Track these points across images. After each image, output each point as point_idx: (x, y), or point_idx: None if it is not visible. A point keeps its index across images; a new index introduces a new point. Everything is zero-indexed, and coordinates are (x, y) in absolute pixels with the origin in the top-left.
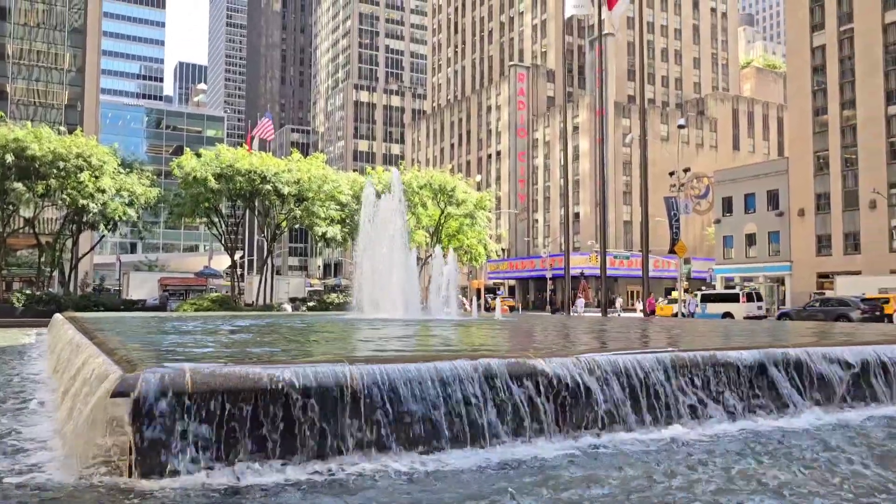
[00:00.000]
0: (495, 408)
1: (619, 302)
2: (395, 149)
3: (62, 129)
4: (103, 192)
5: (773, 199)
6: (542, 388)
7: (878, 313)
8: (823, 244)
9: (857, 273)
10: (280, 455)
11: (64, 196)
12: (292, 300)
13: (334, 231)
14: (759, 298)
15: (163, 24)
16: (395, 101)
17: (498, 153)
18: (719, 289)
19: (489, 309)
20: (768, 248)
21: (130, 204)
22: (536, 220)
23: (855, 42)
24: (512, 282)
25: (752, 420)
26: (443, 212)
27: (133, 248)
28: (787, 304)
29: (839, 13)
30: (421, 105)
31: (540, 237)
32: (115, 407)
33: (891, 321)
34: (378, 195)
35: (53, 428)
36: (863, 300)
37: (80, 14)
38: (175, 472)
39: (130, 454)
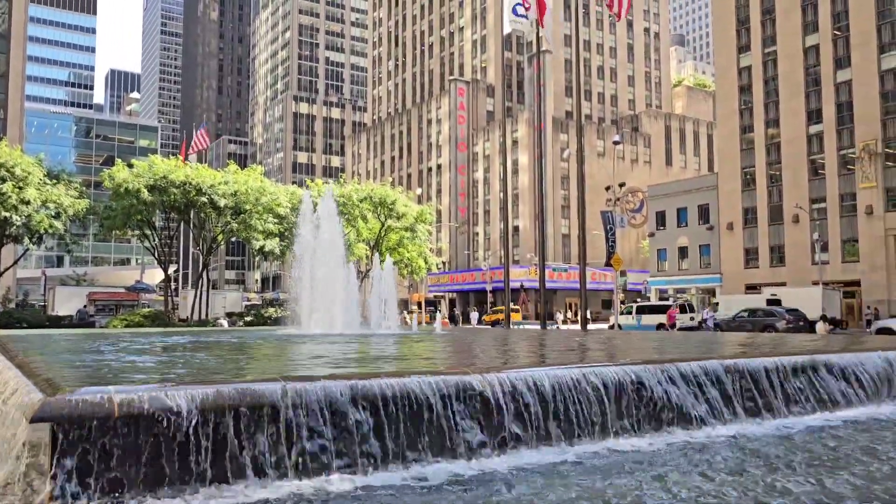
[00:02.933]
0: None
1: (558, 316)
2: (336, 161)
3: None
4: (28, 203)
5: (703, 213)
6: None
7: (801, 323)
8: (751, 257)
9: (783, 284)
10: (212, 482)
11: None
12: (229, 315)
13: (272, 244)
14: (692, 309)
15: (93, 31)
16: (336, 113)
17: (438, 166)
18: (654, 300)
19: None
20: (700, 261)
21: (57, 216)
22: (477, 234)
23: (778, 64)
24: (453, 294)
25: None
26: (383, 225)
27: (60, 262)
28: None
29: (763, 36)
30: (361, 117)
31: (480, 250)
32: (35, 433)
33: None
34: (315, 207)
35: None
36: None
37: (3, 18)
38: (98, 500)
39: (51, 482)
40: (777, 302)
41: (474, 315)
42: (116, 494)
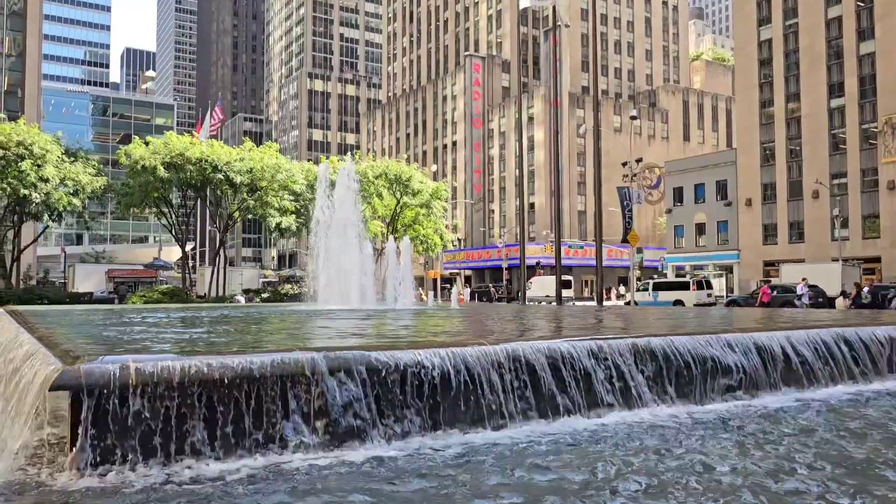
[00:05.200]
0: None
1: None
2: (351, 138)
3: (2, 116)
4: (46, 181)
5: (721, 189)
6: None
7: (820, 299)
8: (769, 233)
9: (801, 261)
10: (225, 449)
11: (4, 185)
12: (246, 292)
13: (288, 221)
14: (709, 286)
15: (108, 9)
16: (350, 90)
17: (454, 143)
18: (671, 277)
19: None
20: (717, 237)
21: (75, 193)
22: (492, 211)
23: (799, 37)
24: (468, 272)
25: None
26: (398, 202)
27: (79, 240)
28: (735, 291)
29: (784, 8)
30: (376, 94)
31: (496, 227)
32: (55, 401)
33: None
34: (332, 184)
35: None
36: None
37: None
38: (116, 468)
39: (70, 450)
40: None
41: (467, 291)
42: (135, 462)
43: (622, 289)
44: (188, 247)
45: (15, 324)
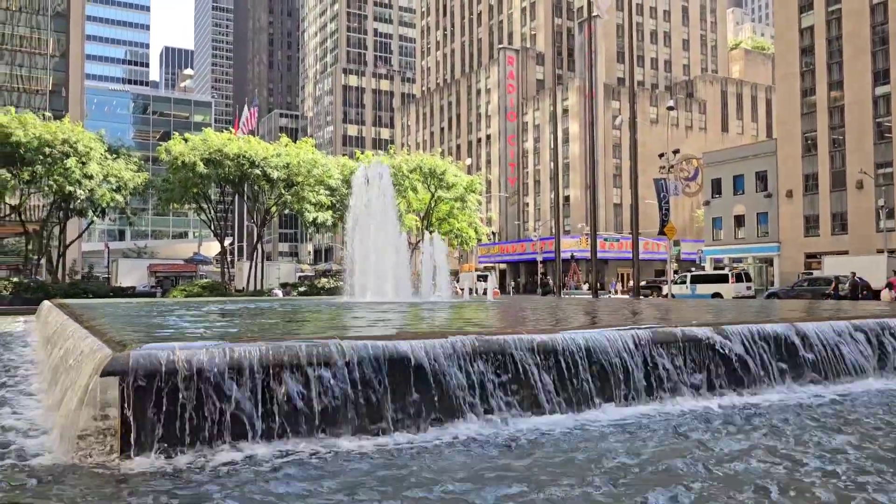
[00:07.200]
0: None
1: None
2: (385, 133)
3: (47, 114)
4: (90, 178)
5: (761, 180)
6: None
7: (865, 292)
8: (811, 225)
9: (845, 253)
10: (277, 434)
11: (50, 182)
12: (283, 285)
13: (325, 216)
14: (748, 279)
15: (148, 8)
16: (385, 84)
17: (488, 137)
18: (709, 270)
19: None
20: (757, 230)
21: (118, 190)
22: (527, 204)
23: (843, 23)
24: (503, 265)
25: None
26: (433, 195)
27: (121, 236)
28: (775, 284)
29: None
30: (410, 89)
31: (530, 220)
32: (105, 386)
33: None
34: (367, 180)
35: (43, 410)
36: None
37: None
38: (164, 452)
39: (120, 433)
40: None
41: (482, 285)
42: (178, 446)
43: None
44: (226, 242)
45: (65, 316)
